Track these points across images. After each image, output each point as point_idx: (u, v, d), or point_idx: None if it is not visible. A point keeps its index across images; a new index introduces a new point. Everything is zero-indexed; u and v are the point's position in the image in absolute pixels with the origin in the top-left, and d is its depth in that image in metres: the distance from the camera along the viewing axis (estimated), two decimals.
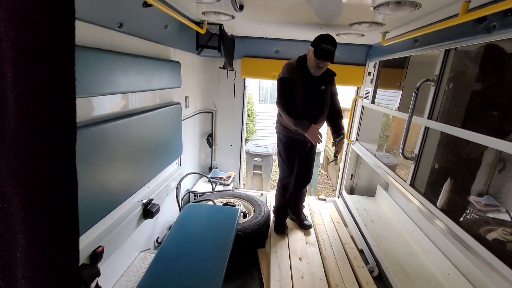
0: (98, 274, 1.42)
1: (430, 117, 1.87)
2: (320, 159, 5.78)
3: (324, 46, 2.08)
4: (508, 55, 1.41)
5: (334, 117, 2.59)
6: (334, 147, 2.57)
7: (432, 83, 1.84)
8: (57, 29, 0.24)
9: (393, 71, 2.78)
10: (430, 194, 1.85)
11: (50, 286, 0.28)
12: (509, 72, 1.40)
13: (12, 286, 0.26)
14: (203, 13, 2.10)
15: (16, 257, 0.26)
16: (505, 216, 1.40)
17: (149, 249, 2.33)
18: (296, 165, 2.61)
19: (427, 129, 1.90)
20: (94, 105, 1.48)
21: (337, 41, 2.86)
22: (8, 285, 0.26)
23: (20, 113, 0.24)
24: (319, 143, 2.39)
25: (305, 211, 3.14)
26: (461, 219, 1.55)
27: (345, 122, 4.70)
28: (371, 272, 2.26)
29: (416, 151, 1.97)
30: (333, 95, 2.55)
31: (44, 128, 0.25)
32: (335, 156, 2.60)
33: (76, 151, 0.27)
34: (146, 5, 1.57)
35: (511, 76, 1.38)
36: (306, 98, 2.34)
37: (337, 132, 2.56)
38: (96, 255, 1.46)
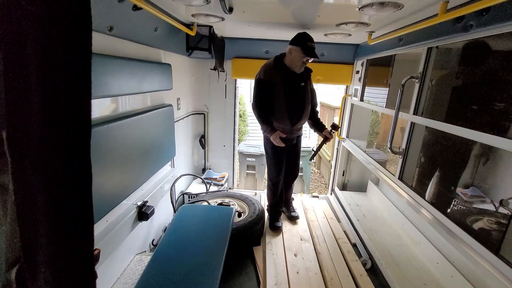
0: (95, 277, 1.42)
1: (415, 112, 1.94)
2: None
3: (310, 45, 2.24)
4: (485, 52, 1.49)
5: (313, 115, 2.73)
6: (324, 140, 2.71)
7: (416, 80, 1.91)
8: (76, 38, 0.27)
9: (380, 69, 2.86)
10: (418, 186, 1.93)
11: (69, 270, 0.30)
12: (486, 68, 1.48)
13: (34, 268, 0.28)
14: (192, 15, 2.12)
15: (39, 242, 0.28)
16: (489, 206, 1.48)
17: (145, 251, 2.33)
18: (284, 163, 2.69)
19: (413, 124, 1.98)
20: None
21: (325, 41, 2.99)
22: (31, 268, 0.28)
23: (43, 111, 0.27)
24: (280, 145, 2.50)
25: (299, 208, 3.20)
26: (448, 210, 1.62)
27: (335, 120, 4.78)
28: (364, 264, 2.33)
29: (404, 146, 2.04)
30: (312, 92, 2.65)
31: (64, 125, 0.28)
32: (317, 150, 2.82)
33: (90, 146, 0.30)
34: (136, 8, 1.58)
35: (488, 72, 1.46)
36: (288, 96, 2.42)
37: (320, 127, 2.74)
38: None
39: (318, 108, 2.91)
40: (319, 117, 2.82)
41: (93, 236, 0.31)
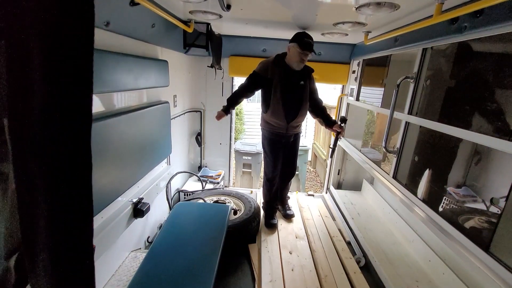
0: (93, 266, 1.41)
1: (410, 112, 1.97)
2: (308, 157, 5.88)
3: (307, 40, 2.30)
4: (477, 54, 1.52)
5: (322, 112, 2.71)
6: (336, 135, 2.66)
7: (411, 80, 1.94)
8: (79, 34, 0.27)
9: (376, 69, 2.89)
10: (411, 185, 1.95)
11: (67, 257, 0.30)
12: (478, 69, 1.51)
13: (33, 256, 0.28)
14: (190, 12, 2.11)
15: (39, 230, 0.28)
16: (481, 205, 1.50)
17: (140, 248, 2.33)
18: (280, 159, 2.71)
19: (407, 123, 2.00)
20: None
21: (322, 41, 3.02)
22: (30, 256, 0.28)
23: (45, 102, 0.27)
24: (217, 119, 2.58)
25: (295, 206, 3.22)
26: (440, 208, 1.65)
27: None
28: (358, 262, 2.35)
29: (398, 145, 2.07)
30: (313, 91, 2.65)
31: (66, 116, 0.28)
32: (334, 146, 2.72)
33: (91, 139, 0.30)
34: (133, 3, 1.57)
35: (480, 73, 1.49)
36: (285, 92, 2.46)
37: (330, 123, 2.68)
38: None
39: None
40: (328, 113, 2.76)
41: (92, 225, 0.32)
